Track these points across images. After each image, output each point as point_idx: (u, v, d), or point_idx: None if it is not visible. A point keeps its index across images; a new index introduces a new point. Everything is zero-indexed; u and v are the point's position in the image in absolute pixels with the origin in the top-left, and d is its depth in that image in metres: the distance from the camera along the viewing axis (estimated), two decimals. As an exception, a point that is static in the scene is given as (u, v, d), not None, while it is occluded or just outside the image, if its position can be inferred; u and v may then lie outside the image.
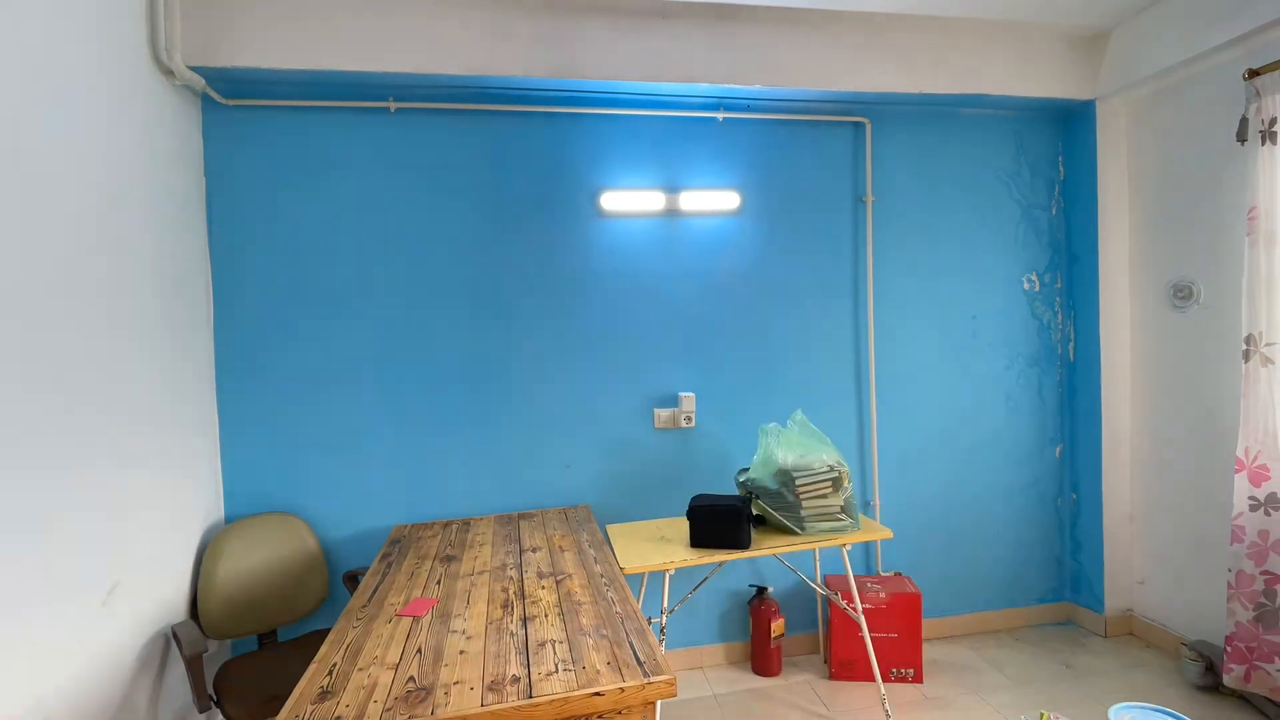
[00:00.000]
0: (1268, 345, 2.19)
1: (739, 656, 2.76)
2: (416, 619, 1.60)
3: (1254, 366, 2.22)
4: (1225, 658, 2.27)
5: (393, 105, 2.40)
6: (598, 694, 1.26)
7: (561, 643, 1.45)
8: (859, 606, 2.36)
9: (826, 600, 2.65)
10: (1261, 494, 2.20)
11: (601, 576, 1.83)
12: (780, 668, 2.67)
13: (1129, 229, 2.84)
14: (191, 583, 2.11)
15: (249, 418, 2.37)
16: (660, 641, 2.06)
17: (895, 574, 2.80)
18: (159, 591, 1.93)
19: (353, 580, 2.33)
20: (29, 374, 1.43)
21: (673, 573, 2.52)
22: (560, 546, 2.09)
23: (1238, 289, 2.40)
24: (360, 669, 1.37)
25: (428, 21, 2.27)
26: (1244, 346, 2.24)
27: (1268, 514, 2.18)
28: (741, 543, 2.12)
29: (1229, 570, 2.26)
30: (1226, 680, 2.26)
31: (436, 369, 2.50)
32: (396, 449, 2.48)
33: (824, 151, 2.77)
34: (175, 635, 1.86)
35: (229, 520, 2.35)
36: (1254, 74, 2.21)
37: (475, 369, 2.53)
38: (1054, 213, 2.98)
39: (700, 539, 2.15)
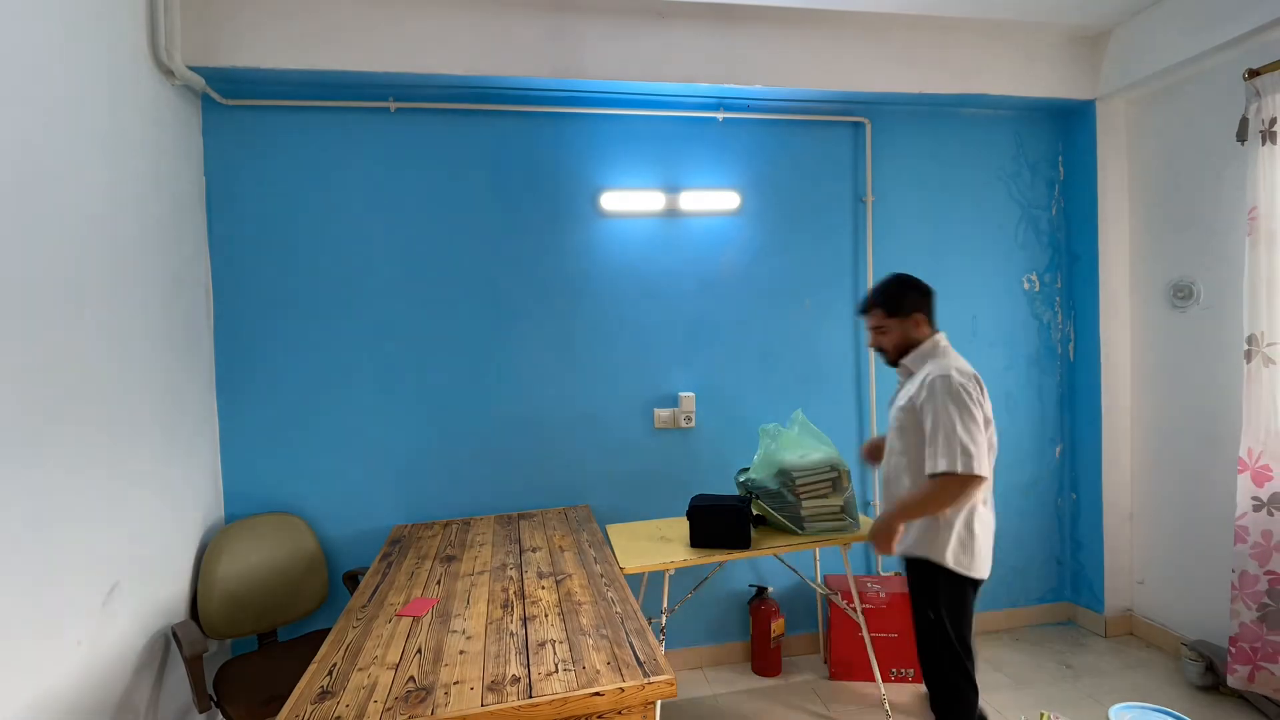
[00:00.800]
0: (1269, 345, 2.18)
1: (739, 656, 2.76)
2: (416, 619, 1.60)
3: (1256, 366, 2.21)
4: (1229, 658, 2.26)
5: (393, 105, 2.40)
6: (598, 694, 1.26)
7: (561, 643, 1.45)
8: (859, 606, 2.36)
9: (826, 600, 2.65)
10: (1264, 494, 2.19)
11: (601, 576, 1.83)
12: (780, 668, 2.67)
13: (1129, 229, 2.84)
14: (191, 583, 2.11)
15: (249, 418, 2.37)
16: (660, 641, 2.06)
17: (895, 574, 2.80)
18: (159, 592, 1.93)
19: (353, 580, 2.33)
20: (28, 374, 1.43)
21: (673, 573, 2.51)
22: (560, 546, 2.09)
23: (1238, 289, 2.39)
24: (360, 669, 1.37)
25: (428, 21, 2.27)
26: (1245, 347, 2.24)
27: (1271, 514, 2.18)
28: (741, 542, 2.12)
29: (1232, 571, 2.25)
30: (1230, 681, 2.25)
31: (437, 369, 2.50)
32: (396, 449, 2.48)
33: (824, 151, 2.77)
34: (175, 635, 1.86)
35: (229, 520, 2.34)
36: (1254, 74, 2.21)
37: (475, 369, 2.53)
38: (1054, 213, 2.98)
39: (700, 539, 2.15)
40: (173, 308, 2.07)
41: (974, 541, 1.75)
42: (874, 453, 2.04)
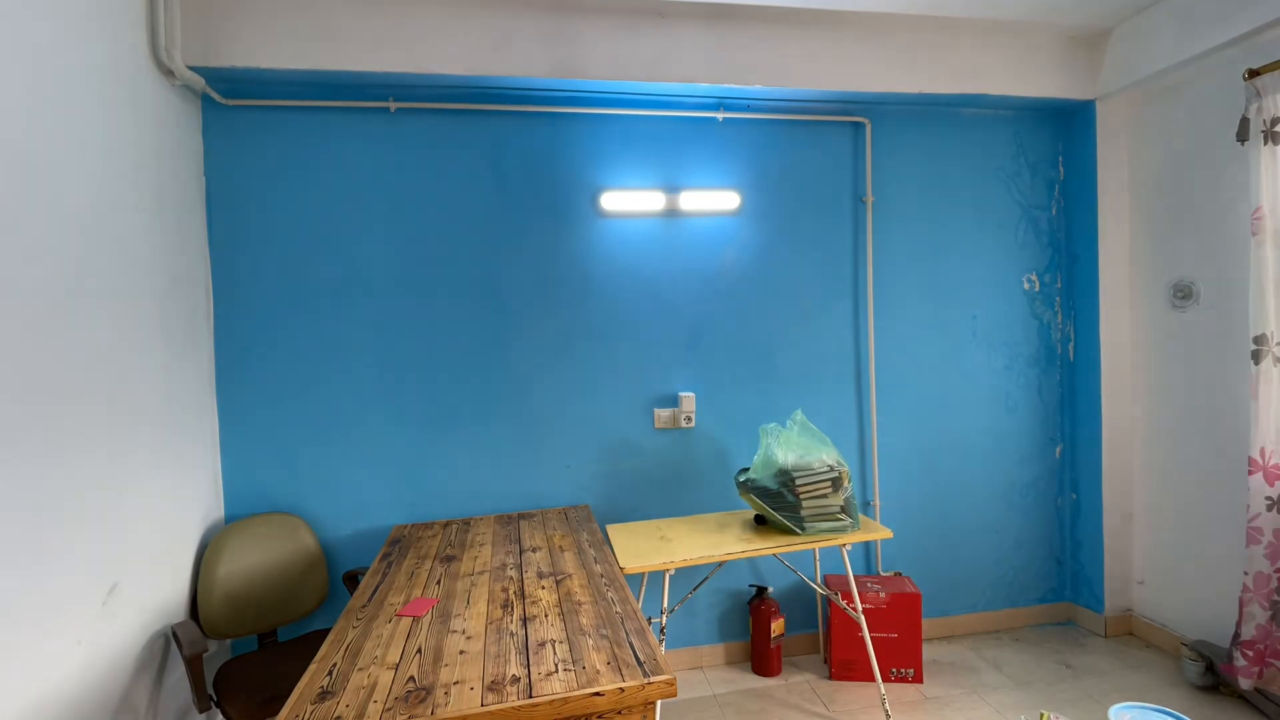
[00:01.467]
0: (1279, 345, 2.18)
1: (739, 656, 2.76)
2: (416, 619, 1.60)
3: (1266, 367, 2.19)
4: (1245, 660, 2.22)
5: (393, 105, 2.40)
6: (598, 694, 1.26)
7: (561, 643, 1.45)
8: (859, 606, 2.36)
9: (826, 600, 2.65)
10: (1276, 494, 2.17)
11: (601, 576, 1.83)
12: (780, 668, 2.67)
13: (1129, 229, 2.84)
14: (191, 583, 2.11)
15: (249, 417, 2.37)
16: (660, 641, 2.06)
17: (895, 574, 2.80)
18: (159, 591, 1.93)
19: (353, 580, 2.33)
20: (28, 374, 1.43)
21: (673, 573, 2.52)
22: (560, 546, 2.09)
23: (1238, 289, 2.40)
24: (360, 669, 1.37)
25: (428, 21, 2.27)
26: (1254, 347, 2.21)
27: None
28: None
29: (1245, 573, 2.22)
30: (1242, 684, 2.23)
31: (437, 369, 2.50)
32: (397, 449, 2.48)
33: (824, 151, 2.77)
34: (175, 635, 1.86)
35: (229, 520, 2.35)
36: (1254, 74, 2.21)
37: (475, 369, 2.53)
38: (1054, 213, 2.98)
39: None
40: (172, 307, 2.06)
41: None
42: None
